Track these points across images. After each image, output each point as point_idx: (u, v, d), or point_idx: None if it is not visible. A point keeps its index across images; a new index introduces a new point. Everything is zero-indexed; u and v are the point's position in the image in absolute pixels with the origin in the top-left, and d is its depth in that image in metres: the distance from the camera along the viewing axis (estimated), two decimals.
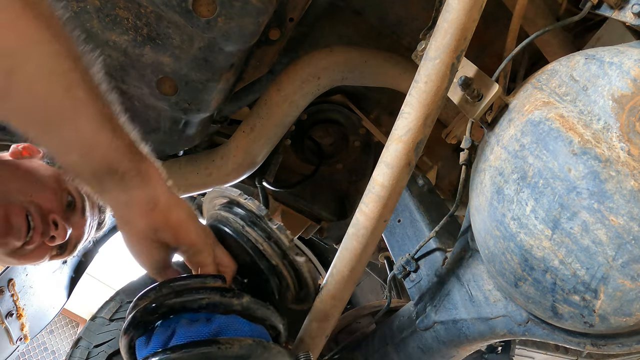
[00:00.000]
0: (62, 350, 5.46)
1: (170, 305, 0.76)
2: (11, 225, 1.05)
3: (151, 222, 0.76)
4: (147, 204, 0.75)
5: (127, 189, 0.73)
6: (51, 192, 1.13)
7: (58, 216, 1.12)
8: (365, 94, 1.70)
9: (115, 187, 0.73)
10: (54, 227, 1.11)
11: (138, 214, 0.75)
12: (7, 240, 1.06)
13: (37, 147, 1.24)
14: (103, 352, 1.79)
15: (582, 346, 0.77)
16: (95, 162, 0.70)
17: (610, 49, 0.72)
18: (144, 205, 0.75)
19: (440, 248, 1.07)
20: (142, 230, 0.76)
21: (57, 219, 1.12)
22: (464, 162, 0.92)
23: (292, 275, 0.88)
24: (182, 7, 1.05)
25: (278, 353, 0.78)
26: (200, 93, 1.25)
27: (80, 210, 1.20)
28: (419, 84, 0.80)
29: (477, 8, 0.77)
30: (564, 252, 0.68)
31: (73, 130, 0.67)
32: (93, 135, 0.69)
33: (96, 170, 0.71)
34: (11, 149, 1.22)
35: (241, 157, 1.51)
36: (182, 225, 0.79)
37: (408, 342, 1.09)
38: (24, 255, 1.11)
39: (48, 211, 1.11)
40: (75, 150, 0.69)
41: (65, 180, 1.18)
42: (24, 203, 1.07)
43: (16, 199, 1.06)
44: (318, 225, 1.98)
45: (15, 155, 1.21)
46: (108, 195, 0.74)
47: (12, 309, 1.73)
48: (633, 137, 0.64)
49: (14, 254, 1.09)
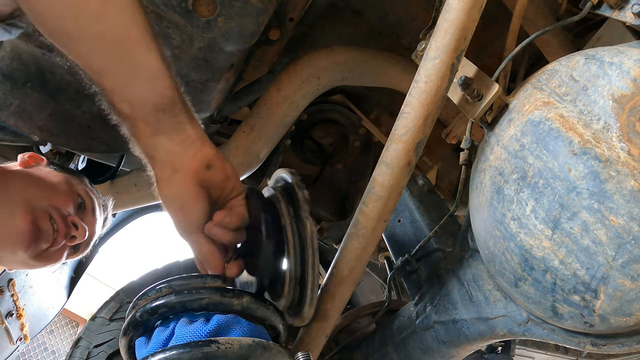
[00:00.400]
0: (62, 350, 5.46)
1: (170, 305, 0.76)
2: (40, 230, 1.12)
3: (205, 157, 0.78)
4: (199, 140, 0.78)
5: (181, 126, 0.76)
6: (65, 195, 1.20)
7: (76, 218, 1.20)
8: (365, 94, 1.70)
9: (171, 125, 0.75)
10: (74, 228, 1.19)
11: (192, 152, 0.77)
12: (37, 244, 1.13)
13: (40, 156, 1.32)
14: (103, 352, 1.79)
15: (582, 346, 0.77)
16: (159, 92, 0.73)
17: (610, 49, 0.72)
18: (197, 142, 0.78)
19: (440, 248, 1.07)
20: (195, 171, 0.77)
21: (76, 220, 1.19)
22: (464, 162, 0.92)
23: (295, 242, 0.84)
24: (182, 7, 1.05)
25: (278, 353, 0.78)
26: (200, 93, 1.25)
27: (91, 210, 1.28)
28: (419, 84, 0.80)
29: (477, 8, 0.77)
30: (564, 252, 0.68)
31: (143, 57, 0.72)
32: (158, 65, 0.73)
33: (158, 103, 0.74)
34: (19, 159, 1.29)
35: (241, 157, 1.51)
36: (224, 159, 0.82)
37: (408, 342, 1.09)
38: (47, 257, 1.18)
39: (67, 213, 1.19)
40: (143, 78, 0.72)
41: (74, 183, 1.26)
42: (47, 208, 1.14)
43: (39, 205, 1.13)
44: (318, 225, 1.98)
45: (24, 164, 1.28)
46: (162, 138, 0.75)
47: (12, 309, 1.74)
48: (633, 137, 0.64)
49: (39, 256, 1.16)
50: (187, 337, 0.73)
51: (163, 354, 0.70)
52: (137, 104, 0.73)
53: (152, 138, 0.75)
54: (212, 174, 0.79)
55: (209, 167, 0.79)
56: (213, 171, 0.79)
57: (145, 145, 0.76)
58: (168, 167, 0.77)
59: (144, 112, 0.74)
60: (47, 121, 1.35)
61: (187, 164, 0.77)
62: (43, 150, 1.72)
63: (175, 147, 0.77)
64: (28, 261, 1.16)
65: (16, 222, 1.09)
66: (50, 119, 1.35)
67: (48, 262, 1.20)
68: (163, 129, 0.75)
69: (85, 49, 0.71)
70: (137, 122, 0.74)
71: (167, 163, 0.77)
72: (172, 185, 0.78)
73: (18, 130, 1.39)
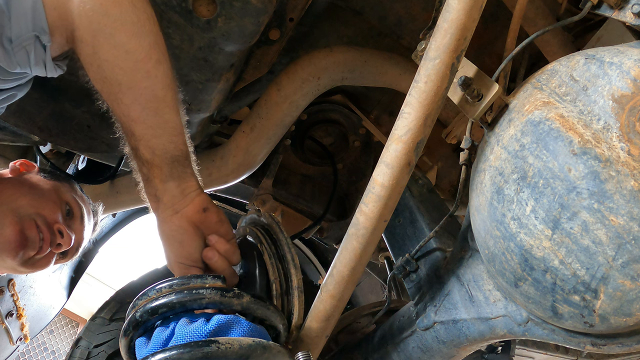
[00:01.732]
0: (62, 350, 5.46)
1: (170, 305, 0.76)
2: (27, 238, 1.17)
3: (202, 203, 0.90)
4: (198, 189, 0.90)
5: (187, 176, 0.89)
6: (53, 203, 1.25)
7: (62, 225, 1.24)
8: (365, 94, 1.70)
9: (180, 174, 0.88)
10: (60, 236, 1.23)
11: (191, 198, 0.89)
12: (24, 252, 1.18)
13: (31, 162, 1.37)
14: (103, 352, 1.79)
15: (582, 346, 0.77)
16: (178, 146, 0.87)
17: (610, 49, 0.72)
18: (197, 190, 0.90)
19: (440, 248, 1.07)
20: (193, 214, 0.89)
21: (62, 228, 1.24)
22: (464, 162, 0.92)
23: None
24: (182, 7, 1.05)
25: (278, 353, 0.78)
26: (200, 93, 1.25)
27: (79, 218, 1.32)
28: (419, 84, 0.80)
29: (477, 8, 0.77)
30: (564, 252, 0.68)
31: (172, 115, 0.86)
32: (181, 125, 0.88)
33: (176, 155, 0.87)
34: (10, 167, 1.33)
35: (241, 157, 1.51)
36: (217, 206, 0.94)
37: (408, 342, 1.09)
38: (34, 263, 1.23)
39: (53, 221, 1.23)
40: (169, 132, 0.86)
41: (62, 191, 1.30)
42: (33, 216, 1.19)
43: (26, 213, 1.18)
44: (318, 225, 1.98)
45: (15, 172, 1.32)
46: (171, 184, 0.87)
47: (12, 309, 1.74)
48: (633, 137, 0.64)
49: (26, 263, 1.21)
50: (187, 337, 0.73)
51: (163, 354, 0.70)
52: (159, 152, 0.86)
53: (162, 183, 0.87)
54: (208, 216, 0.91)
55: (205, 210, 0.90)
56: (209, 213, 0.91)
57: (156, 189, 0.88)
58: (170, 209, 0.88)
59: (162, 160, 0.86)
60: (47, 121, 1.35)
61: (186, 207, 0.89)
62: (43, 150, 1.72)
63: (179, 193, 0.88)
64: (16, 267, 1.21)
65: (4, 231, 1.15)
66: (50, 119, 1.35)
67: (36, 268, 1.25)
68: (174, 176, 0.87)
69: (131, 99, 0.83)
70: (154, 168, 0.86)
71: (170, 205, 0.88)
72: (173, 223, 0.89)
73: (18, 130, 1.39)
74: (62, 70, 0.93)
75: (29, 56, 0.86)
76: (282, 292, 0.93)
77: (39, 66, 0.88)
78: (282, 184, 1.89)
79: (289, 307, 0.92)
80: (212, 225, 0.91)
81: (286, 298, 0.93)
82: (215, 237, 0.90)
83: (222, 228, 0.92)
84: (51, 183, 1.30)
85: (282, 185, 1.88)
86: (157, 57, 0.84)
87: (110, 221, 2.22)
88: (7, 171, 1.32)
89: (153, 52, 0.84)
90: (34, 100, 1.29)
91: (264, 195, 1.77)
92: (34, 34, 0.83)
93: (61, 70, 0.93)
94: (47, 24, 0.82)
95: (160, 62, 0.84)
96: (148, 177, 0.87)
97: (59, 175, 1.38)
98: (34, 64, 0.87)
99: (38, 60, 0.87)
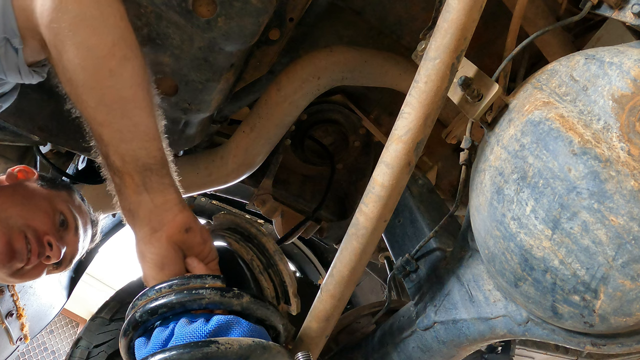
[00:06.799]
0: (62, 350, 5.46)
1: (170, 305, 0.76)
2: (14, 250, 1.14)
3: (184, 221, 0.82)
4: (180, 204, 0.82)
5: (165, 188, 0.81)
6: (45, 214, 1.21)
7: (52, 237, 1.20)
8: (365, 94, 1.70)
9: (156, 186, 0.80)
10: (49, 248, 1.19)
11: (172, 215, 0.81)
12: (12, 264, 1.15)
13: (31, 169, 1.33)
14: (103, 352, 1.79)
15: (582, 346, 0.77)
16: (151, 153, 0.79)
17: (610, 49, 0.72)
18: (178, 206, 0.82)
19: (440, 248, 1.07)
20: (173, 234, 0.81)
21: (51, 240, 1.19)
22: (464, 162, 0.92)
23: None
24: (182, 7, 1.05)
25: (278, 353, 0.78)
26: (200, 93, 1.25)
27: (74, 228, 1.28)
28: (419, 84, 0.80)
29: (477, 8, 0.77)
30: (564, 252, 0.68)
31: (142, 118, 0.78)
32: (154, 129, 0.80)
33: (148, 163, 0.79)
34: (7, 173, 1.29)
35: (241, 157, 1.51)
36: (201, 225, 0.86)
37: (408, 342, 1.09)
38: (23, 274, 1.20)
39: (43, 233, 1.19)
40: (139, 137, 0.78)
41: (58, 201, 1.26)
42: (22, 227, 1.15)
43: (15, 224, 1.15)
44: (318, 225, 1.98)
45: (11, 179, 1.28)
46: (145, 196, 0.79)
47: (12, 309, 1.74)
48: (633, 137, 0.64)
49: (15, 274, 1.18)
50: (187, 337, 0.73)
51: (163, 354, 0.70)
52: (129, 159, 0.78)
53: (136, 195, 0.79)
54: (190, 237, 0.83)
55: (187, 231, 0.82)
56: (191, 234, 0.83)
57: (129, 201, 0.80)
58: (147, 226, 0.80)
59: (133, 168, 0.78)
60: (47, 121, 1.35)
61: (166, 226, 0.81)
62: (43, 150, 1.72)
63: (156, 208, 0.80)
64: (5, 278, 1.19)
65: None
66: (50, 119, 1.35)
67: (26, 279, 1.23)
68: (148, 188, 0.79)
69: (96, 100, 0.77)
70: (125, 177, 0.79)
71: (147, 222, 0.80)
72: (152, 245, 0.81)
73: (18, 130, 1.39)
74: (41, 77, 0.89)
75: (0, 60, 0.82)
76: (278, 299, 0.93)
77: (12, 71, 0.84)
78: (282, 184, 1.89)
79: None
80: (194, 246, 0.84)
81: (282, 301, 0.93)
82: (194, 262, 0.83)
83: (205, 249, 0.85)
84: (46, 192, 1.26)
85: (282, 185, 1.88)
86: (123, 53, 0.78)
87: (110, 221, 2.22)
88: (4, 178, 1.29)
89: (117, 49, 0.77)
90: (34, 100, 1.29)
91: (264, 195, 1.77)
92: (4, 36, 0.80)
93: (40, 77, 0.89)
94: (17, 26, 0.79)
95: (127, 59, 0.78)
96: (120, 188, 0.80)
97: (58, 183, 1.34)
98: (7, 69, 0.83)
99: (11, 65, 0.83)
